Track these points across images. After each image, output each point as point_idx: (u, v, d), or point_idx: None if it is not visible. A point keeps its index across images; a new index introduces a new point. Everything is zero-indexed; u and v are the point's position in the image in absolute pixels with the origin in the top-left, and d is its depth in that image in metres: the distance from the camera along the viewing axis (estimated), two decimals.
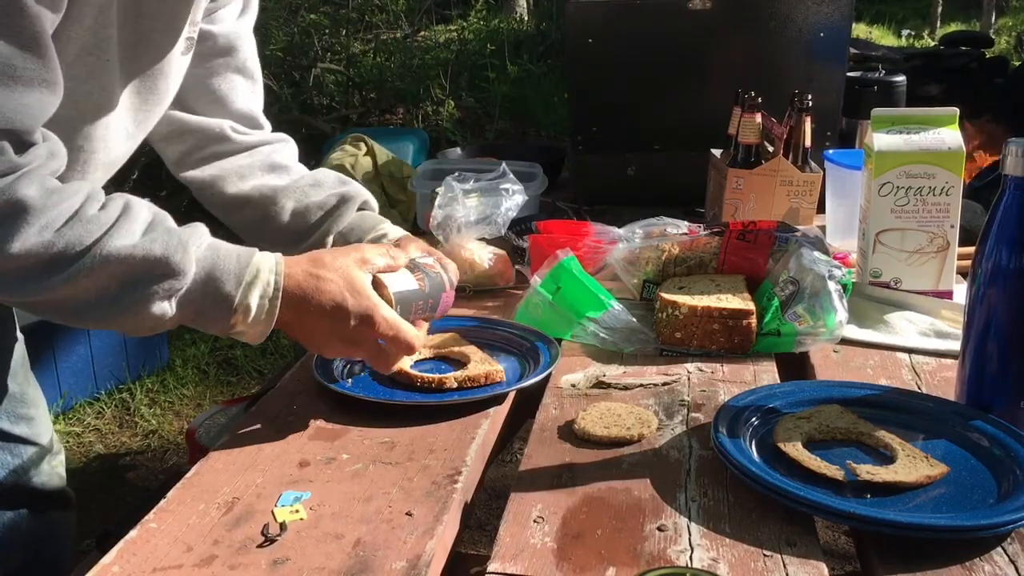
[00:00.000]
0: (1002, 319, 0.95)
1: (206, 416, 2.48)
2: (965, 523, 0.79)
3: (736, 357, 1.18)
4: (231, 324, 0.94)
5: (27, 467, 1.28)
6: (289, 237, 1.27)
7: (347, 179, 1.31)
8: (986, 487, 0.86)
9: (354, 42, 7.35)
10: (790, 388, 1.05)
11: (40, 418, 1.31)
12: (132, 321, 0.90)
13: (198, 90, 1.23)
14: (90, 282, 0.87)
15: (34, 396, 1.30)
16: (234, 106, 1.27)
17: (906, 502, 0.84)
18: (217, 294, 0.92)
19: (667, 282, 1.30)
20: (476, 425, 1.01)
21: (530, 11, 9.08)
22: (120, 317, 0.90)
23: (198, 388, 3.28)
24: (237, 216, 1.29)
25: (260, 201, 1.27)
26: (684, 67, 1.92)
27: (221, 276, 0.92)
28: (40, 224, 0.84)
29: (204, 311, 0.93)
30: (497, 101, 6.86)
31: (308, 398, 1.09)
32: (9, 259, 0.83)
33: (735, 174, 1.69)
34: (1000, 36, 10.15)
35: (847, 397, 1.02)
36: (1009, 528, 0.79)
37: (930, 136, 1.32)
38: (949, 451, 0.93)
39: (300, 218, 1.26)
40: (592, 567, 0.77)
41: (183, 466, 2.51)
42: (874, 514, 0.79)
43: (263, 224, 1.28)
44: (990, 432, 0.94)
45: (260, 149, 1.29)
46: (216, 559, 0.79)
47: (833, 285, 1.17)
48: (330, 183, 1.28)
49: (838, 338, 1.17)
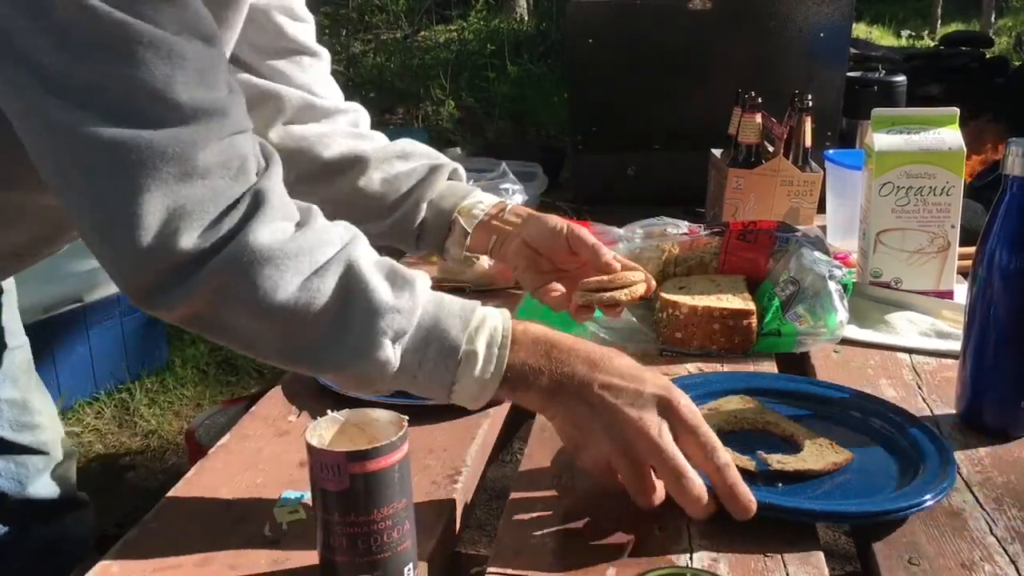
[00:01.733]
0: (1002, 319, 0.95)
1: (206, 416, 2.48)
2: (873, 508, 0.81)
3: (736, 357, 1.18)
4: (454, 378, 0.82)
5: (33, 477, 1.25)
6: (379, 208, 1.21)
7: (435, 151, 1.27)
8: (887, 472, 0.90)
9: (354, 42, 7.35)
10: (700, 379, 1.07)
11: (46, 425, 1.27)
12: (352, 367, 0.81)
13: (270, 54, 1.18)
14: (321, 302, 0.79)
15: (40, 403, 1.27)
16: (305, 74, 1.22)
17: (815, 488, 0.87)
18: (443, 340, 0.81)
19: (667, 282, 1.30)
20: (476, 425, 1.01)
21: (530, 11, 9.08)
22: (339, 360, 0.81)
23: (198, 388, 3.27)
24: (328, 189, 1.22)
25: (350, 169, 1.21)
26: (684, 67, 1.92)
27: (447, 320, 0.82)
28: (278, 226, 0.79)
29: (427, 361, 0.81)
30: (497, 101, 6.86)
31: (308, 398, 1.09)
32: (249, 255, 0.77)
33: (735, 174, 1.69)
34: (1000, 36, 10.14)
35: (754, 387, 1.05)
36: (911, 511, 0.82)
37: (930, 136, 1.32)
38: (850, 438, 0.95)
39: (390, 187, 1.20)
40: (592, 567, 0.77)
41: (183, 466, 2.52)
42: (791, 504, 0.81)
43: (354, 195, 1.21)
44: (890, 418, 0.97)
45: (339, 116, 1.24)
46: (216, 559, 0.79)
47: (833, 285, 1.17)
48: (419, 153, 1.24)
49: (839, 338, 1.17)
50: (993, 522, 0.82)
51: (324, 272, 0.79)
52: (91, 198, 0.76)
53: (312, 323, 0.79)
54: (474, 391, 0.83)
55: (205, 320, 0.80)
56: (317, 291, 0.78)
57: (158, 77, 0.74)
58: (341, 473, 0.70)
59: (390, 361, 0.80)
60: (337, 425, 0.76)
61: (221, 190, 0.77)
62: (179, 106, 0.75)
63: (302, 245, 0.79)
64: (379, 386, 0.83)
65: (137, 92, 0.74)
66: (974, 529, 0.81)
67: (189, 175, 0.75)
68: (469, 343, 0.81)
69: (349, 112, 1.27)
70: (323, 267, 0.79)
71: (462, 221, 1.19)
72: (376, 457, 0.71)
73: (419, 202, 1.20)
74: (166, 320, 0.82)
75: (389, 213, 1.21)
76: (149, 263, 0.76)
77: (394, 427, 0.74)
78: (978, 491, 0.87)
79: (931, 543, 0.79)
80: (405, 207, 1.21)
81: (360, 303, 0.79)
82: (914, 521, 0.82)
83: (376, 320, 0.79)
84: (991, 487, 0.88)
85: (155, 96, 0.74)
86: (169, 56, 0.74)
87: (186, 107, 0.75)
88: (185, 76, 0.75)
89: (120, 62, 0.73)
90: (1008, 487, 0.88)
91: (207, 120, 0.77)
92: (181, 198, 0.75)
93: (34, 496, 1.26)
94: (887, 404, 1.01)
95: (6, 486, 1.23)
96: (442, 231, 1.21)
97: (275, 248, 0.77)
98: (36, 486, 1.26)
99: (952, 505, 0.85)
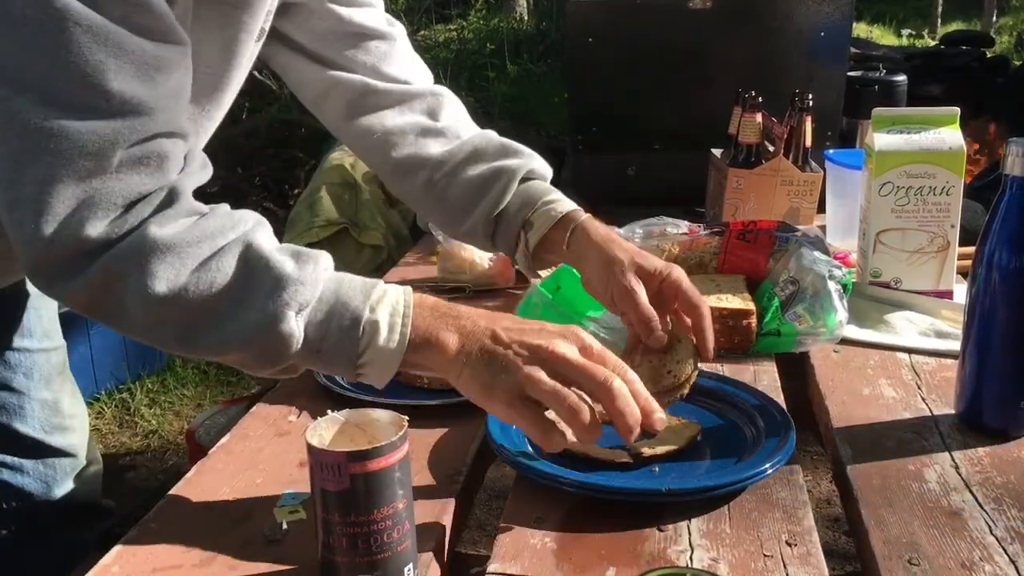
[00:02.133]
0: (1002, 319, 0.95)
1: (206, 416, 2.48)
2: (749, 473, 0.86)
3: (736, 357, 1.18)
4: (360, 349, 0.81)
5: (60, 480, 1.25)
6: (452, 214, 1.18)
7: (512, 145, 1.19)
8: (737, 438, 0.96)
9: None
10: None
11: (76, 428, 1.28)
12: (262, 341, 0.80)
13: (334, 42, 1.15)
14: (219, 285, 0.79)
15: (71, 406, 1.27)
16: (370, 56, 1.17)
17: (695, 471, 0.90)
18: (345, 311, 0.81)
19: None
20: (476, 425, 1.01)
21: (530, 11, 9.08)
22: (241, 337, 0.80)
23: (198, 388, 3.27)
24: (401, 187, 1.21)
25: (416, 173, 1.17)
26: (684, 67, 1.92)
27: (349, 292, 0.82)
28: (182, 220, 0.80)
29: (330, 333, 0.81)
30: (497, 101, 6.85)
31: (308, 398, 1.09)
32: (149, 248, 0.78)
33: (735, 174, 1.69)
34: (1001, 36, 10.14)
35: None
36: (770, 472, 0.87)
37: (930, 136, 1.32)
38: (688, 411, 1.00)
39: (459, 193, 1.15)
40: (592, 567, 0.77)
41: (183, 466, 2.52)
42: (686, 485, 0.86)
43: (426, 196, 1.18)
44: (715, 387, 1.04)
45: (412, 104, 1.19)
46: (216, 559, 0.79)
47: (833, 285, 1.17)
48: (490, 153, 1.16)
49: (838, 338, 1.18)
50: (993, 522, 0.82)
51: (223, 253, 0.80)
52: (6, 175, 0.76)
53: (211, 304, 0.79)
54: (381, 362, 0.82)
55: (104, 308, 0.81)
56: (216, 271, 0.79)
57: (90, 62, 0.74)
58: (341, 473, 0.70)
59: (294, 334, 0.79)
60: (337, 425, 0.76)
61: (134, 185, 0.78)
62: (108, 95, 0.76)
63: (203, 231, 0.80)
64: (283, 363, 0.82)
65: (66, 72, 0.74)
66: (974, 529, 0.81)
67: (104, 170, 0.76)
68: (371, 312, 0.81)
69: (427, 97, 1.20)
70: (222, 249, 0.80)
71: (525, 237, 1.14)
72: (376, 457, 0.71)
73: (487, 215, 1.15)
74: (67, 305, 0.82)
75: (464, 218, 1.17)
76: (52, 249, 0.76)
77: (394, 427, 0.75)
78: (978, 491, 0.87)
79: (931, 543, 0.79)
80: (475, 217, 1.16)
81: (261, 277, 0.80)
82: (914, 521, 0.82)
83: (279, 292, 0.79)
84: (991, 487, 0.88)
85: (84, 80, 0.75)
86: (106, 43, 0.75)
87: (115, 98, 0.76)
88: (120, 67, 0.76)
89: (52, 40, 0.73)
90: (1008, 487, 0.88)
91: (133, 116, 0.77)
92: (92, 190, 0.76)
93: (60, 499, 1.26)
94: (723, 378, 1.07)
95: (33, 487, 1.24)
96: (510, 244, 1.17)
97: (175, 238, 0.78)
98: (62, 489, 1.26)
99: (952, 505, 0.85)
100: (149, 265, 0.77)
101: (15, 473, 1.22)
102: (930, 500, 0.86)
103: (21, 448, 1.22)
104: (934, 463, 0.93)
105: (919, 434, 0.99)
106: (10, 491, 1.22)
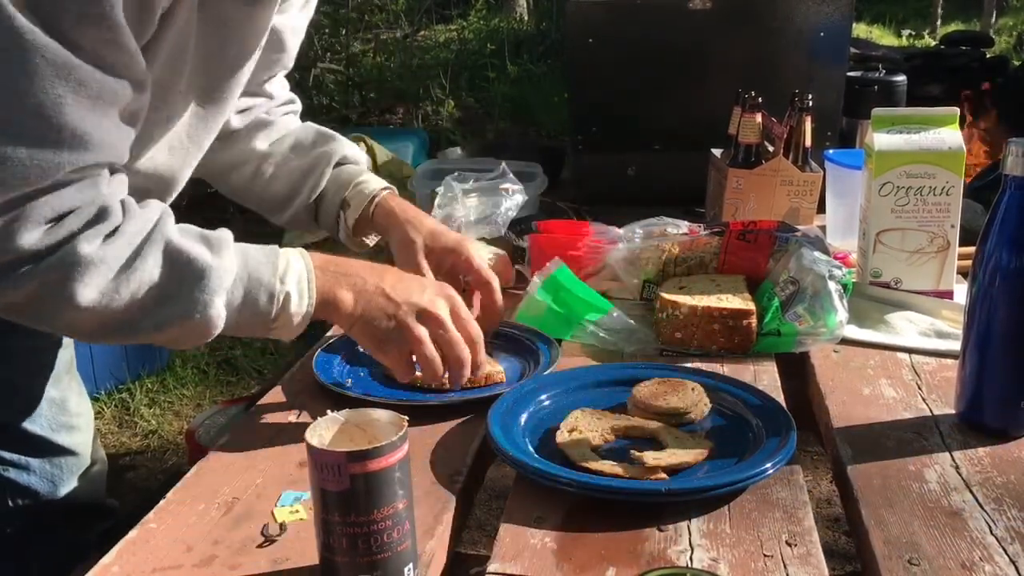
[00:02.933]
0: (1002, 319, 0.95)
1: (206, 416, 2.48)
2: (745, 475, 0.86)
3: (737, 357, 1.18)
4: (272, 317, 0.93)
5: (66, 479, 1.26)
6: (276, 203, 1.28)
7: (326, 132, 1.30)
8: (738, 438, 0.96)
9: (354, 42, 7.34)
10: (534, 385, 1.07)
11: (82, 428, 1.28)
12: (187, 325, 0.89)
13: None
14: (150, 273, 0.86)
15: (77, 405, 1.28)
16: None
17: (695, 471, 0.90)
18: (258, 288, 0.91)
19: (667, 282, 1.30)
20: (476, 425, 1.01)
21: (530, 11, 9.08)
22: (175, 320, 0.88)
23: (198, 388, 3.27)
24: (228, 183, 1.29)
25: (243, 167, 1.27)
26: (684, 67, 1.92)
27: (258, 269, 0.92)
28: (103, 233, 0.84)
29: (245, 307, 0.91)
30: (497, 101, 6.86)
31: (308, 398, 1.09)
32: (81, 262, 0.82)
33: (735, 174, 1.69)
34: (1000, 36, 10.14)
35: (593, 380, 1.09)
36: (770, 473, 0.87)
37: (930, 136, 1.32)
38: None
39: (282, 182, 1.26)
40: (592, 567, 0.77)
41: (183, 466, 2.51)
42: (685, 485, 0.86)
43: (251, 187, 1.28)
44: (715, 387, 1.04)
45: (253, 111, 1.28)
46: (216, 559, 0.79)
47: (833, 285, 1.17)
48: (308, 143, 1.28)
49: (838, 338, 1.18)
50: (993, 522, 0.82)
51: (145, 255, 0.85)
52: None
53: (140, 303, 0.85)
54: (292, 324, 0.94)
55: (25, 311, 0.85)
56: (143, 271, 0.85)
57: (50, 95, 0.77)
58: (341, 473, 0.70)
59: (220, 315, 0.89)
60: (337, 425, 0.76)
61: (66, 200, 0.81)
62: (61, 129, 0.78)
63: (124, 238, 0.84)
64: (202, 341, 0.91)
65: (23, 104, 0.76)
66: (974, 529, 0.81)
67: (43, 192, 0.79)
68: (282, 284, 0.92)
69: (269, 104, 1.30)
70: (142, 251, 0.85)
71: (344, 216, 1.26)
72: (376, 457, 0.71)
73: (306, 200, 1.26)
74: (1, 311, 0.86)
75: (286, 205, 1.28)
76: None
77: (394, 427, 0.75)
78: (978, 491, 0.87)
79: (931, 543, 0.79)
80: (297, 203, 1.27)
81: (183, 271, 0.87)
82: (914, 521, 0.82)
83: (203, 282, 0.87)
84: (991, 487, 0.88)
85: (40, 113, 0.77)
86: (67, 79, 0.77)
87: (67, 132, 0.79)
88: (78, 101, 0.78)
89: (16, 69, 0.75)
90: (1008, 487, 0.88)
91: (81, 150, 0.80)
92: (28, 208, 0.79)
93: (65, 498, 1.26)
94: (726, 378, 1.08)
95: (39, 485, 1.24)
96: (331, 224, 1.28)
97: (102, 252, 0.82)
98: (67, 488, 1.26)
99: (952, 505, 0.85)
100: (81, 277, 0.82)
101: (21, 471, 1.22)
102: (930, 500, 0.86)
103: (27, 446, 1.22)
104: (934, 463, 0.93)
105: (919, 434, 0.99)
106: (16, 489, 1.23)
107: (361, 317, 0.97)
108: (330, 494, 0.71)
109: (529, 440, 0.95)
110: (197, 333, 0.90)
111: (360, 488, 0.71)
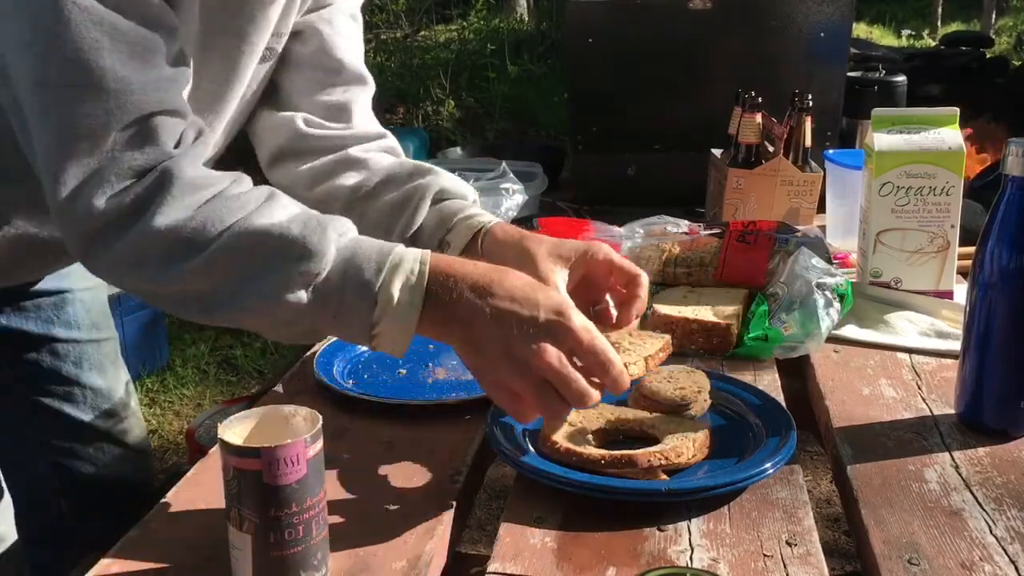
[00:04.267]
0: (1002, 319, 0.95)
1: (206, 416, 2.48)
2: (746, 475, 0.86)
3: (737, 358, 1.18)
4: (373, 320, 0.82)
5: (110, 465, 1.29)
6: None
7: (422, 167, 1.16)
8: (738, 438, 0.96)
9: None
10: None
11: (127, 416, 1.31)
12: (269, 311, 0.82)
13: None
14: (226, 264, 0.82)
15: (123, 395, 1.31)
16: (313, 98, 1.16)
17: (695, 471, 0.90)
18: (357, 281, 0.81)
19: (674, 290, 1.31)
20: (476, 425, 1.01)
21: (530, 11, 9.08)
22: (256, 306, 0.82)
23: (198, 388, 3.27)
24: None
25: (332, 204, 1.15)
26: (684, 67, 1.92)
27: (361, 264, 0.82)
28: (185, 203, 0.81)
29: (344, 303, 0.82)
30: (497, 101, 6.86)
31: (308, 398, 1.09)
32: (154, 235, 0.80)
33: (735, 174, 1.69)
34: (1000, 36, 10.15)
35: None
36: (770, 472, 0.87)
37: (930, 136, 1.32)
38: None
39: (374, 218, 1.14)
40: (592, 567, 0.77)
41: (183, 466, 2.51)
42: (685, 485, 0.86)
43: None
44: (716, 387, 1.02)
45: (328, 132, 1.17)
46: (216, 559, 0.79)
47: (820, 293, 1.17)
48: (402, 177, 1.15)
49: (822, 346, 1.18)
50: (993, 522, 0.82)
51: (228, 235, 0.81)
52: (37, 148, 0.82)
53: (222, 280, 0.82)
54: (396, 337, 0.83)
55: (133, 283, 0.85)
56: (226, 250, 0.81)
57: (86, 39, 0.78)
58: (300, 461, 0.71)
59: (302, 301, 0.81)
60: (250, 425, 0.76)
61: (126, 161, 0.80)
62: (103, 72, 0.79)
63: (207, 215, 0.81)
64: (298, 328, 0.84)
65: (62, 50, 0.78)
66: (974, 529, 0.81)
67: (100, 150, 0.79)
68: (386, 284, 0.81)
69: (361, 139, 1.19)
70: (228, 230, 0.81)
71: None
72: (320, 438, 0.73)
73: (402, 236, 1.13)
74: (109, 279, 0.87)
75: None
76: (72, 224, 0.82)
77: (304, 419, 0.76)
78: (978, 491, 0.87)
79: (931, 543, 0.79)
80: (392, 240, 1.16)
81: (266, 250, 0.82)
82: (914, 521, 0.82)
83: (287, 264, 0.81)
84: (991, 487, 0.88)
85: (78, 56, 0.78)
86: (101, 24, 0.78)
87: (109, 76, 0.79)
88: (115, 46, 0.79)
89: (50, 18, 0.77)
90: (1008, 487, 0.88)
91: (126, 95, 0.80)
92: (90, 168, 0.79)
93: (108, 485, 1.29)
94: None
95: (85, 469, 1.27)
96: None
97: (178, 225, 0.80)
98: (111, 474, 1.29)
99: (952, 505, 0.85)
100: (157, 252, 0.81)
101: (67, 457, 1.26)
102: (930, 500, 0.86)
103: (73, 433, 1.25)
104: (934, 463, 0.93)
105: (919, 434, 0.99)
106: (64, 474, 1.26)
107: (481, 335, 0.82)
108: (285, 488, 0.71)
109: (529, 440, 0.95)
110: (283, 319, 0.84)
111: (313, 470, 0.72)
